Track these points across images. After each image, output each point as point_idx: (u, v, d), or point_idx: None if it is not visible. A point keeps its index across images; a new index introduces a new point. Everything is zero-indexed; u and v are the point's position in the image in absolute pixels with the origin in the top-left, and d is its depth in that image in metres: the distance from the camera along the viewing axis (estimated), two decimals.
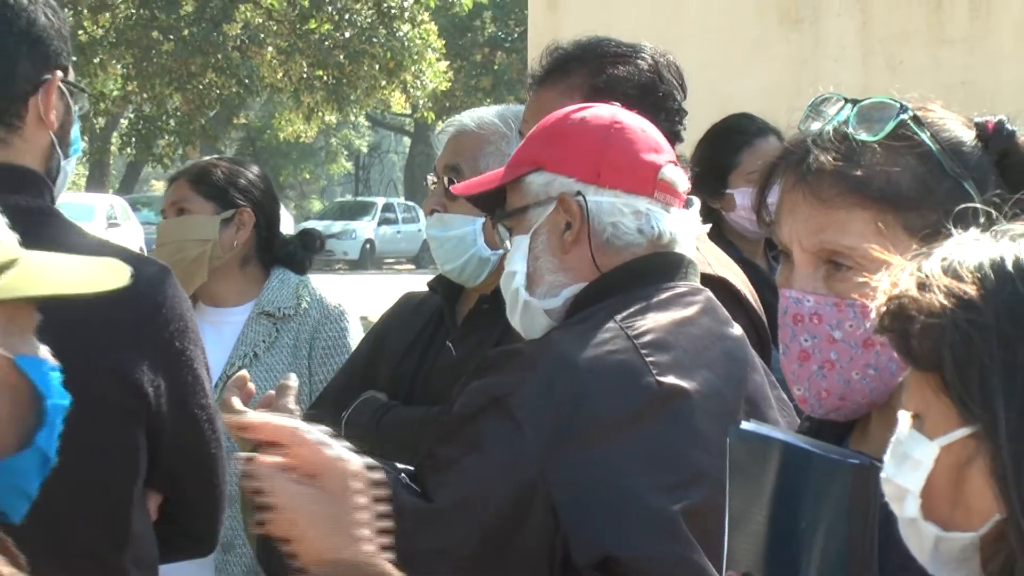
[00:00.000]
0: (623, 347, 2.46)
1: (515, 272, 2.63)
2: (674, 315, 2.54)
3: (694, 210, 2.73)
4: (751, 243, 4.59)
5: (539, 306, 2.61)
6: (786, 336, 2.02)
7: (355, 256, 37.79)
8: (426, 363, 3.42)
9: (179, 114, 27.17)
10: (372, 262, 38.37)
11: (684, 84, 3.30)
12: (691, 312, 2.57)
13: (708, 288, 2.72)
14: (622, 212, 2.58)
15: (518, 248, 2.63)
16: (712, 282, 3.04)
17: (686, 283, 2.62)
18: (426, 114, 31.87)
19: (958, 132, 2.02)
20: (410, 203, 42.87)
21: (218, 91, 26.73)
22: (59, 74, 2.68)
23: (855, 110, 2.02)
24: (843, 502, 1.77)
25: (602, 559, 2.36)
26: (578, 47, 3.25)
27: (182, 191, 4.15)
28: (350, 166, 62.15)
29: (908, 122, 2.00)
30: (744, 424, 2.02)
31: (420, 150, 47.40)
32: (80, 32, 25.41)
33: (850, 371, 1.98)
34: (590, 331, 2.49)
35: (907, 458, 1.62)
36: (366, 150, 62.24)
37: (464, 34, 39.49)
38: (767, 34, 7.19)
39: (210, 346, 4.04)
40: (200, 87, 26.09)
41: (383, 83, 26.31)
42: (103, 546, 2.69)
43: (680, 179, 2.64)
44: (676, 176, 2.63)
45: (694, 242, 2.71)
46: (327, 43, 25.68)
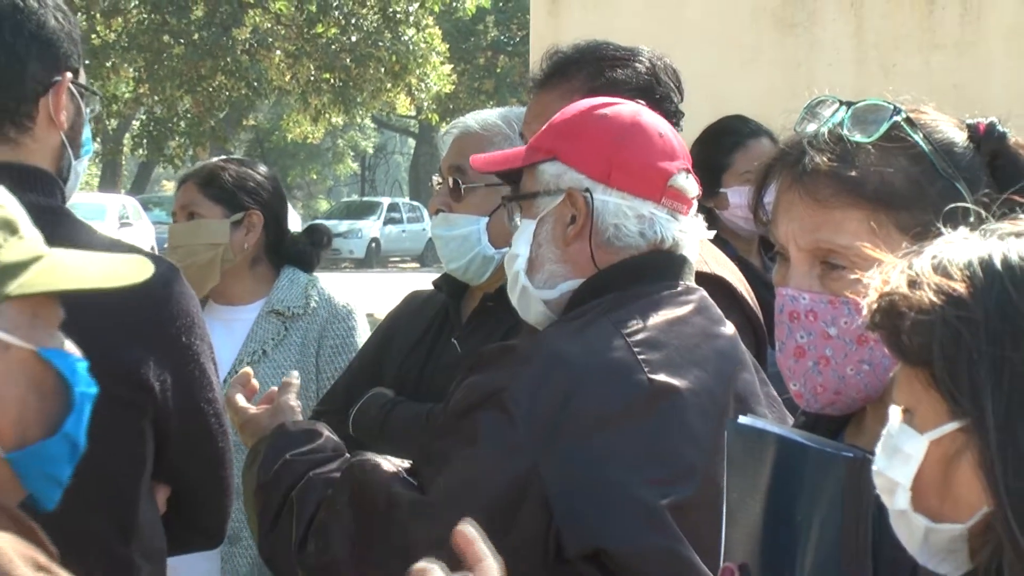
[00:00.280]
0: (616, 345, 2.46)
1: (518, 255, 2.63)
2: (668, 314, 2.54)
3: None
4: (745, 241, 4.60)
5: (536, 295, 2.62)
6: (782, 333, 2.02)
7: (361, 255, 37.78)
8: (432, 360, 3.42)
9: (189, 116, 27.18)
10: (378, 261, 38.37)
11: (681, 86, 3.30)
12: (685, 311, 2.56)
13: (705, 286, 2.72)
14: (626, 215, 2.57)
15: (524, 231, 2.63)
16: (709, 280, 3.04)
17: (681, 282, 2.61)
18: (430, 116, 31.90)
19: (950, 134, 2.02)
20: (415, 203, 42.90)
21: (228, 93, 26.75)
22: (69, 76, 2.68)
23: (850, 112, 2.02)
24: (837, 494, 1.77)
25: (593, 551, 2.37)
26: (577, 51, 3.25)
27: (191, 195, 4.14)
28: (356, 167, 62.14)
29: (901, 124, 2.00)
30: (741, 418, 2.02)
31: (424, 151, 47.39)
32: (93, 36, 25.43)
33: (845, 367, 1.98)
34: (584, 328, 2.49)
35: (897, 451, 1.62)
36: (372, 151, 62.24)
37: (467, 38, 39.47)
38: (762, 38, 7.19)
39: (220, 343, 4.05)
40: (210, 89, 26.10)
41: (388, 86, 26.31)
42: (110, 538, 2.69)
43: (691, 187, 2.63)
44: (686, 184, 2.62)
45: (697, 247, 2.70)
46: (334, 47, 25.68)
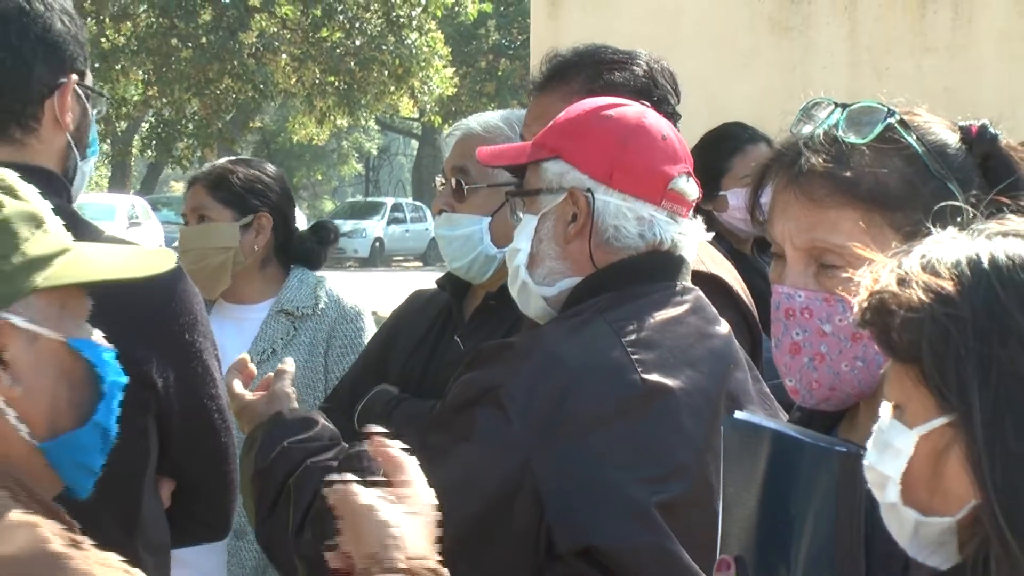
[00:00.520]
0: (611, 344, 2.45)
1: (519, 250, 2.63)
2: (663, 314, 2.53)
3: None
4: (741, 242, 4.62)
5: (536, 291, 2.62)
6: (778, 330, 2.03)
7: (365, 254, 37.73)
8: (435, 357, 3.42)
9: (197, 118, 27.17)
10: (381, 260, 38.32)
11: (678, 89, 3.30)
12: (680, 311, 2.56)
13: (702, 285, 2.72)
14: (626, 216, 2.57)
15: (525, 227, 2.63)
16: (705, 279, 3.04)
17: (678, 283, 2.61)
18: (433, 118, 31.93)
19: (943, 135, 2.02)
20: (418, 203, 42.85)
21: (234, 96, 26.73)
22: (75, 78, 2.68)
23: (844, 114, 2.02)
24: (831, 488, 1.78)
25: (583, 548, 2.37)
26: (576, 54, 3.24)
27: (201, 198, 4.13)
28: (360, 168, 62.13)
29: (895, 125, 2.00)
30: (738, 413, 2.02)
31: (427, 152, 47.38)
32: (103, 40, 25.43)
33: (839, 363, 1.99)
34: (580, 327, 2.49)
35: (888, 446, 1.63)
36: (376, 152, 62.20)
37: (469, 42, 39.45)
38: (759, 42, 7.19)
39: (230, 341, 4.07)
40: (217, 92, 26.08)
41: (392, 88, 26.31)
42: (114, 532, 2.68)
43: (691, 190, 2.63)
44: (687, 187, 2.62)
45: (696, 249, 2.70)
46: (338, 50, 25.68)
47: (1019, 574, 1.52)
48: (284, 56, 26.10)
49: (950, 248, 1.62)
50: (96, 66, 25.79)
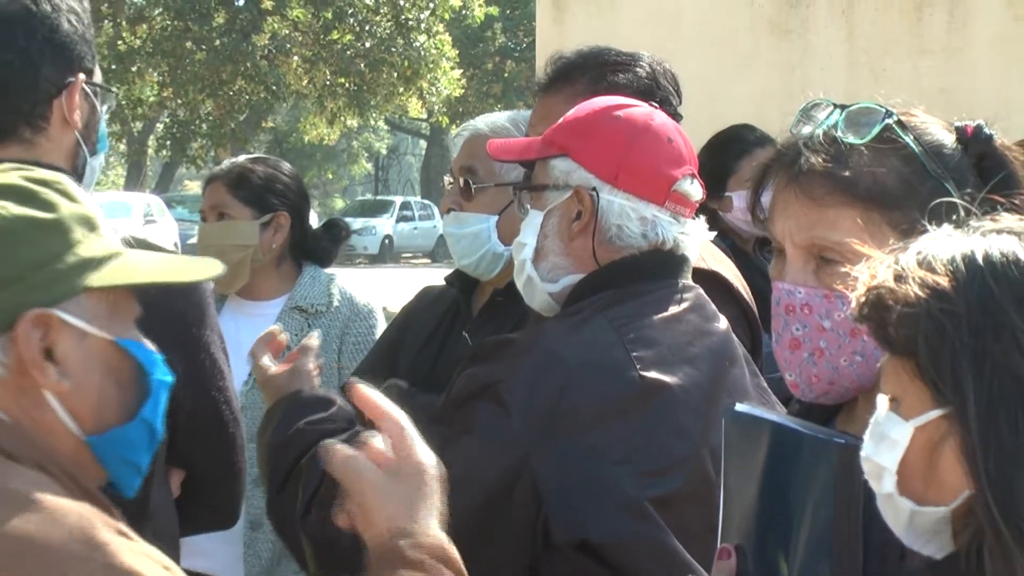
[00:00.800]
0: (611, 342, 2.45)
1: (525, 244, 2.63)
2: (663, 312, 2.53)
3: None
4: (744, 241, 4.63)
5: (540, 286, 2.62)
6: (779, 325, 2.02)
7: (375, 251, 37.74)
8: (444, 352, 3.42)
9: (211, 118, 27.17)
10: (390, 257, 38.32)
11: (680, 90, 3.29)
12: (679, 309, 2.56)
13: (702, 281, 2.72)
14: (630, 216, 2.56)
15: (532, 221, 2.63)
16: (706, 276, 3.04)
17: (678, 281, 2.61)
18: (441, 119, 31.90)
19: (939, 136, 2.02)
20: (426, 201, 42.84)
21: (247, 97, 26.74)
22: (82, 77, 2.68)
23: (843, 115, 2.02)
24: (829, 479, 1.77)
25: (580, 541, 2.37)
26: (580, 56, 3.24)
27: (221, 195, 4.13)
28: (370, 167, 62.11)
29: (893, 126, 2.00)
30: (738, 406, 2.02)
31: (435, 152, 47.37)
32: (119, 42, 25.45)
33: (838, 358, 1.99)
34: (581, 325, 2.48)
35: (884, 438, 1.63)
36: (385, 152, 62.20)
37: (476, 44, 39.41)
38: (759, 44, 7.19)
39: (245, 336, 4.07)
40: (231, 93, 26.09)
41: (401, 90, 26.32)
42: (124, 520, 2.69)
43: (695, 191, 2.62)
44: (691, 189, 2.61)
45: (698, 248, 2.69)
46: (349, 52, 25.68)
47: (1012, 563, 1.52)
48: (296, 58, 26.10)
49: (946, 245, 1.62)
50: (112, 68, 25.83)
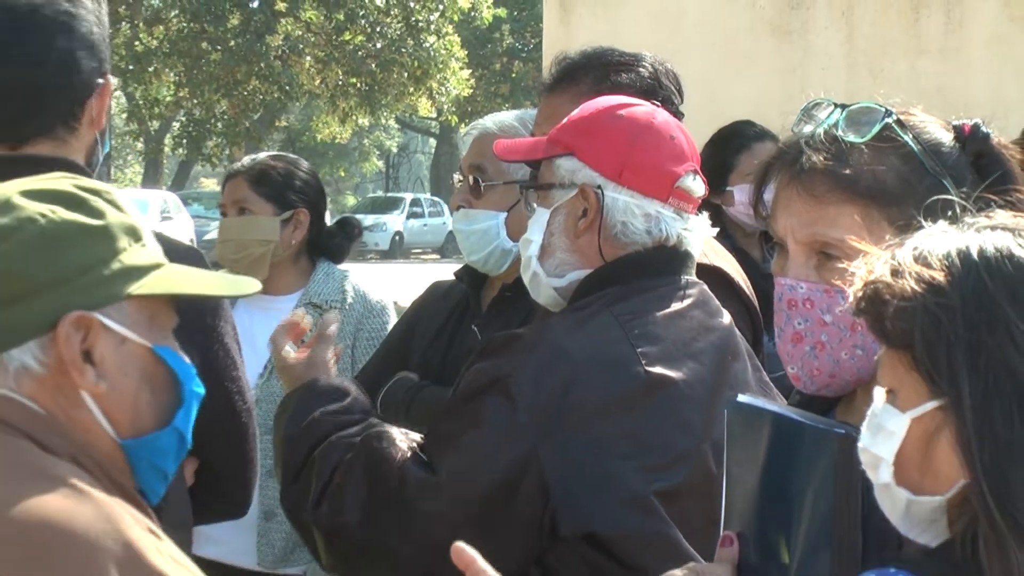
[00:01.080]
0: (616, 337, 2.45)
1: (532, 241, 2.63)
2: (667, 308, 2.52)
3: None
4: (748, 235, 4.61)
5: (547, 282, 2.62)
6: (781, 320, 2.02)
7: (386, 247, 37.74)
8: (454, 345, 3.42)
9: (226, 118, 27.22)
10: (401, 252, 38.33)
11: (681, 90, 3.29)
12: (684, 305, 2.55)
13: (705, 277, 2.71)
14: (634, 213, 2.56)
15: (538, 219, 2.62)
16: (708, 271, 3.04)
17: (682, 277, 2.60)
18: (450, 117, 31.92)
19: (938, 134, 2.02)
20: (436, 198, 42.82)
21: (261, 97, 26.78)
22: (110, 78, 2.69)
23: (844, 114, 2.02)
24: (830, 469, 1.77)
25: (587, 533, 2.37)
26: (584, 56, 3.23)
27: (243, 191, 4.13)
28: (381, 165, 62.10)
29: (892, 125, 2.00)
30: (740, 397, 2.02)
31: (444, 150, 47.39)
32: (137, 43, 25.49)
33: (839, 351, 1.98)
34: (586, 320, 2.48)
35: (881, 429, 1.63)
36: (396, 150, 62.20)
37: (485, 45, 39.42)
38: (759, 45, 7.18)
39: (260, 330, 4.08)
40: (245, 93, 26.13)
41: (411, 89, 26.36)
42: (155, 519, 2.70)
43: (697, 187, 2.61)
44: (693, 185, 2.60)
45: (701, 244, 2.69)
46: (360, 53, 25.71)
47: (1006, 550, 1.52)
48: (308, 58, 26.14)
49: (941, 241, 1.63)
50: (130, 68, 25.87)
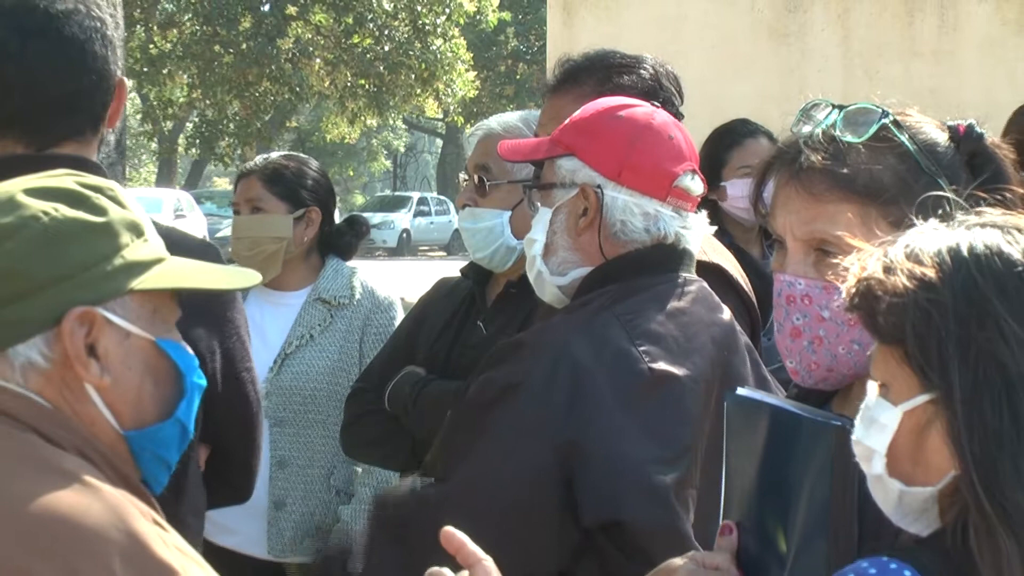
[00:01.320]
0: (619, 337, 2.44)
1: (535, 240, 2.63)
2: (668, 306, 2.52)
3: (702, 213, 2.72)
4: (746, 231, 4.60)
5: (550, 280, 2.62)
6: (780, 315, 2.02)
7: (393, 244, 37.71)
8: (459, 341, 3.42)
9: (238, 118, 27.22)
10: (408, 250, 38.28)
11: (682, 91, 3.28)
12: (684, 302, 2.55)
13: (705, 274, 2.71)
14: (633, 212, 2.56)
15: (541, 218, 2.63)
16: (708, 268, 3.04)
17: (681, 274, 2.60)
18: (456, 118, 31.96)
19: (933, 134, 2.02)
20: (442, 197, 42.79)
21: (272, 98, 26.77)
22: (124, 80, 2.69)
23: (841, 115, 2.01)
24: (826, 460, 1.77)
25: (608, 523, 2.36)
26: (587, 59, 3.22)
27: (256, 190, 4.13)
28: (389, 164, 62.10)
29: (889, 125, 2.00)
30: (739, 390, 2.02)
31: (451, 150, 47.36)
32: (151, 46, 25.49)
33: (837, 346, 1.98)
34: (589, 321, 2.47)
35: (874, 422, 1.63)
36: (403, 150, 62.20)
37: (490, 48, 39.38)
38: (758, 48, 7.18)
39: (270, 324, 4.09)
40: (256, 94, 26.12)
41: (418, 91, 26.33)
42: (166, 499, 2.70)
43: (695, 186, 2.61)
44: (691, 184, 2.60)
45: (700, 241, 2.69)
46: (369, 55, 25.70)
47: (995, 538, 1.53)
48: (318, 61, 26.13)
49: (932, 238, 1.63)
50: (144, 70, 25.87)
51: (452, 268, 3.88)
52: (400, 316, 4.08)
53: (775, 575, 1.84)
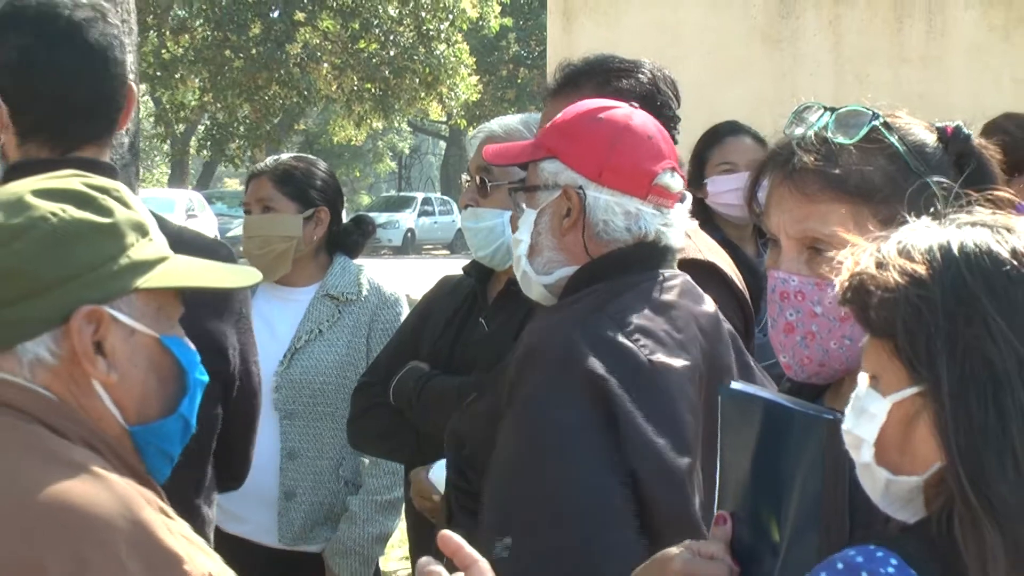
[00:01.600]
0: (615, 335, 2.43)
1: (521, 240, 2.63)
2: (656, 302, 2.52)
3: (686, 204, 2.71)
4: (737, 228, 4.57)
5: (536, 279, 2.62)
6: (774, 311, 2.02)
7: (398, 243, 37.69)
8: (462, 336, 3.42)
9: (248, 121, 27.23)
10: (413, 248, 38.27)
11: (678, 95, 3.28)
12: (671, 296, 2.55)
13: (699, 271, 2.71)
14: (614, 211, 2.55)
15: (526, 219, 2.62)
16: (703, 266, 3.04)
17: (664, 270, 2.60)
18: (459, 121, 31.96)
19: (922, 136, 2.01)
20: (445, 197, 42.76)
21: (281, 101, 26.78)
22: (134, 85, 2.69)
23: (833, 117, 2.01)
24: (818, 452, 1.77)
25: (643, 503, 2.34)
26: (586, 63, 3.22)
27: (267, 190, 4.13)
28: (394, 165, 62.11)
29: (879, 127, 1.99)
30: (733, 384, 2.01)
31: (454, 152, 47.36)
32: (163, 51, 25.50)
33: (829, 341, 1.98)
34: (583, 319, 2.46)
35: (864, 412, 1.63)
36: (408, 152, 62.19)
37: (492, 52, 39.36)
38: (752, 53, 7.19)
39: (280, 320, 4.10)
40: (266, 98, 26.14)
41: (422, 94, 26.34)
42: (188, 491, 2.71)
43: (675, 184, 2.61)
44: (671, 182, 2.60)
45: (683, 237, 2.68)
46: (375, 60, 25.71)
47: (979, 528, 1.53)
48: (326, 65, 26.14)
49: (924, 236, 1.63)
50: (157, 75, 25.87)
51: (455, 266, 3.88)
52: (405, 312, 4.08)
53: (768, 564, 1.84)
